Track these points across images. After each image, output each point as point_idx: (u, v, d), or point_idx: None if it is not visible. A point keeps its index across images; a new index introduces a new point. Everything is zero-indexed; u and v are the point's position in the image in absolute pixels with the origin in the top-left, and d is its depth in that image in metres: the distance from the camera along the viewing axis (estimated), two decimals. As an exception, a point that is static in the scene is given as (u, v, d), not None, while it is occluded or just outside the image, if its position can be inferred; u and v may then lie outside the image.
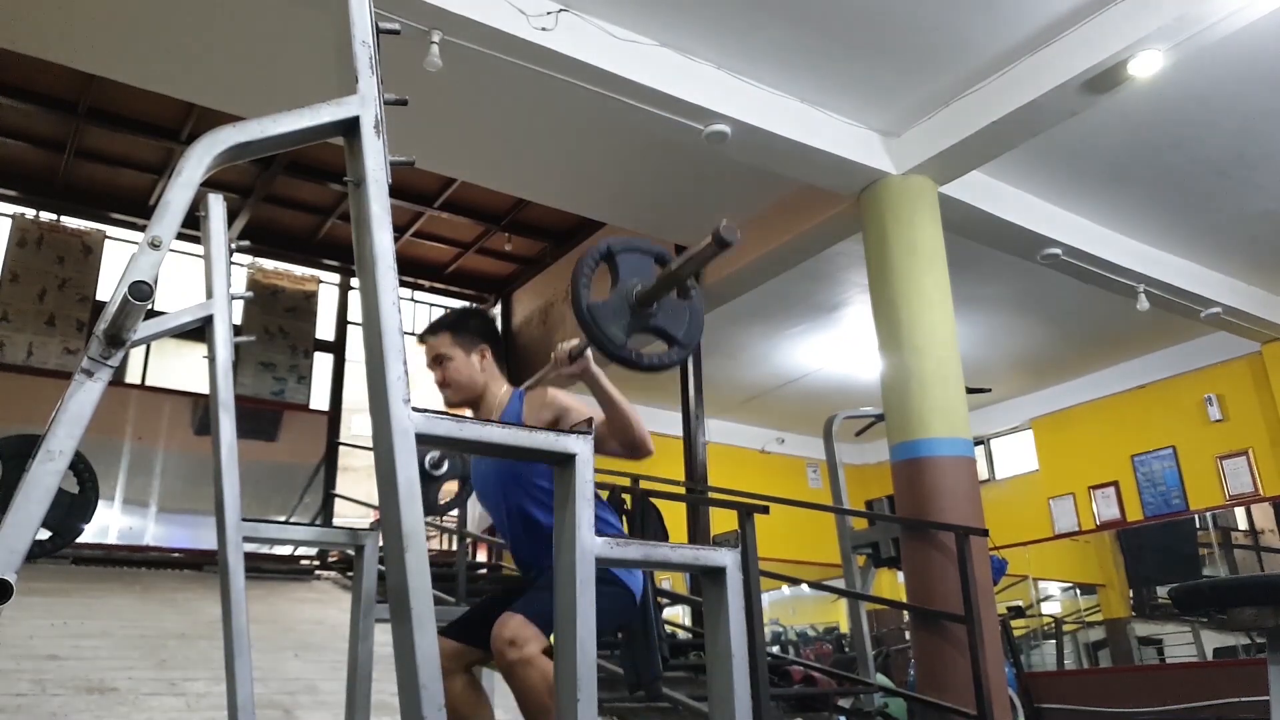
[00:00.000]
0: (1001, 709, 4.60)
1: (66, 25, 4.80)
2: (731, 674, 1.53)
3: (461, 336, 2.58)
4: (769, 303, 8.00)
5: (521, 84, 4.67)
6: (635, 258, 1.83)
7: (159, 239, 1.41)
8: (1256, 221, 6.81)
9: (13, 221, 7.72)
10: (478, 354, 2.58)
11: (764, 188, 6.32)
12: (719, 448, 8.98)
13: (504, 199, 7.79)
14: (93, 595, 5.39)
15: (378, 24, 1.56)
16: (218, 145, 1.50)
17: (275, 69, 5.11)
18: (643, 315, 1.79)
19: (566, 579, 1.43)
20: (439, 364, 2.57)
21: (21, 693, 3.25)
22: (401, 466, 1.34)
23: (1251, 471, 8.60)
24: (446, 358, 2.56)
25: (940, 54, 5.02)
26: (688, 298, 1.89)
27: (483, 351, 2.59)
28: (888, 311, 5.45)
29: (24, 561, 1.19)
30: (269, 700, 3.48)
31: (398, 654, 1.30)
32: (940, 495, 4.96)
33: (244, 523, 2.43)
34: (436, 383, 2.59)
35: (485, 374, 2.58)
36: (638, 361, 1.82)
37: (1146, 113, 5.47)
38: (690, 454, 6.98)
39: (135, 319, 1.36)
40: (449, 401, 2.59)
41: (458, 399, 2.57)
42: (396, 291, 1.45)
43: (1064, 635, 10.29)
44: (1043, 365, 9.86)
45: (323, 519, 8.21)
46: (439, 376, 2.58)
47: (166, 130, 6.99)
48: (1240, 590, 2.64)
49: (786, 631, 11.50)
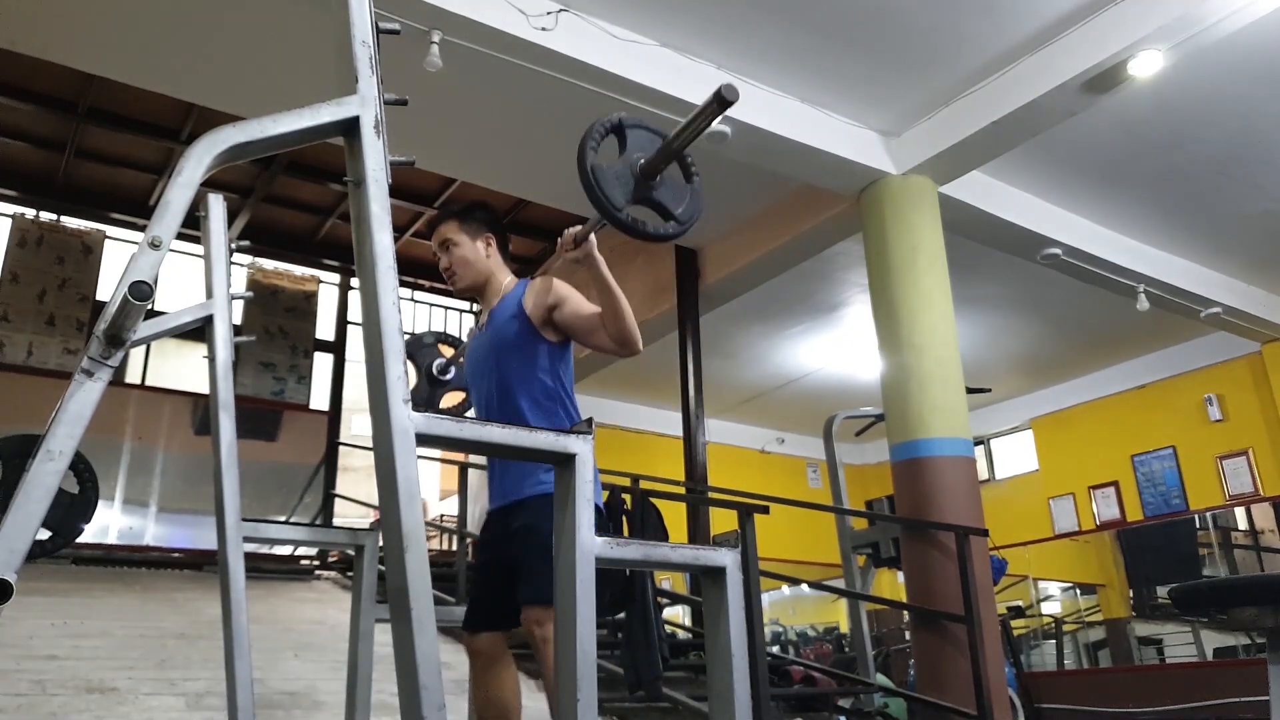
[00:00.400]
0: (1001, 709, 4.60)
1: (66, 25, 4.80)
2: (731, 674, 1.53)
3: (468, 224, 2.62)
4: (769, 303, 8.00)
5: (521, 84, 4.67)
6: (643, 135, 1.88)
7: (159, 239, 1.42)
8: (1256, 221, 6.81)
9: (13, 221, 7.71)
10: (483, 241, 2.62)
11: (764, 188, 6.31)
12: (719, 448, 8.98)
13: (504, 199, 7.78)
14: (93, 595, 5.39)
15: (378, 24, 1.56)
16: (218, 145, 1.50)
17: (275, 69, 5.11)
18: (645, 187, 1.83)
19: (566, 579, 1.43)
20: (445, 249, 2.61)
21: (21, 693, 3.25)
22: (401, 466, 1.34)
23: (1251, 471, 8.60)
24: (453, 243, 2.60)
25: (940, 54, 5.02)
26: (691, 180, 1.93)
27: (488, 240, 2.63)
28: (888, 311, 5.45)
29: (24, 561, 1.20)
30: (269, 700, 3.49)
31: (398, 654, 1.30)
32: (940, 495, 4.96)
33: (244, 523, 2.43)
34: (442, 269, 2.63)
35: (490, 261, 2.62)
36: (634, 227, 1.84)
37: (1146, 113, 5.47)
38: (690, 454, 6.98)
39: (135, 319, 1.36)
40: (456, 287, 2.64)
41: (463, 284, 2.62)
42: (396, 291, 1.45)
43: (1064, 635, 10.29)
44: (1043, 365, 9.85)
45: (323, 519, 8.21)
46: (444, 263, 2.62)
47: (166, 130, 6.99)
48: (1240, 590, 2.64)
49: (786, 631, 11.51)
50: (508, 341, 2.48)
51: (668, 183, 1.87)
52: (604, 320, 2.38)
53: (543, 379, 2.46)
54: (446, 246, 2.61)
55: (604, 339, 2.40)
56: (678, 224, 1.89)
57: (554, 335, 2.49)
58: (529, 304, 2.48)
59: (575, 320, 2.45)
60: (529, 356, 2.46)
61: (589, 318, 2.42)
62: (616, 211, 1.79)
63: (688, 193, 1.92)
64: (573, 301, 2.46)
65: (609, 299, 2.36)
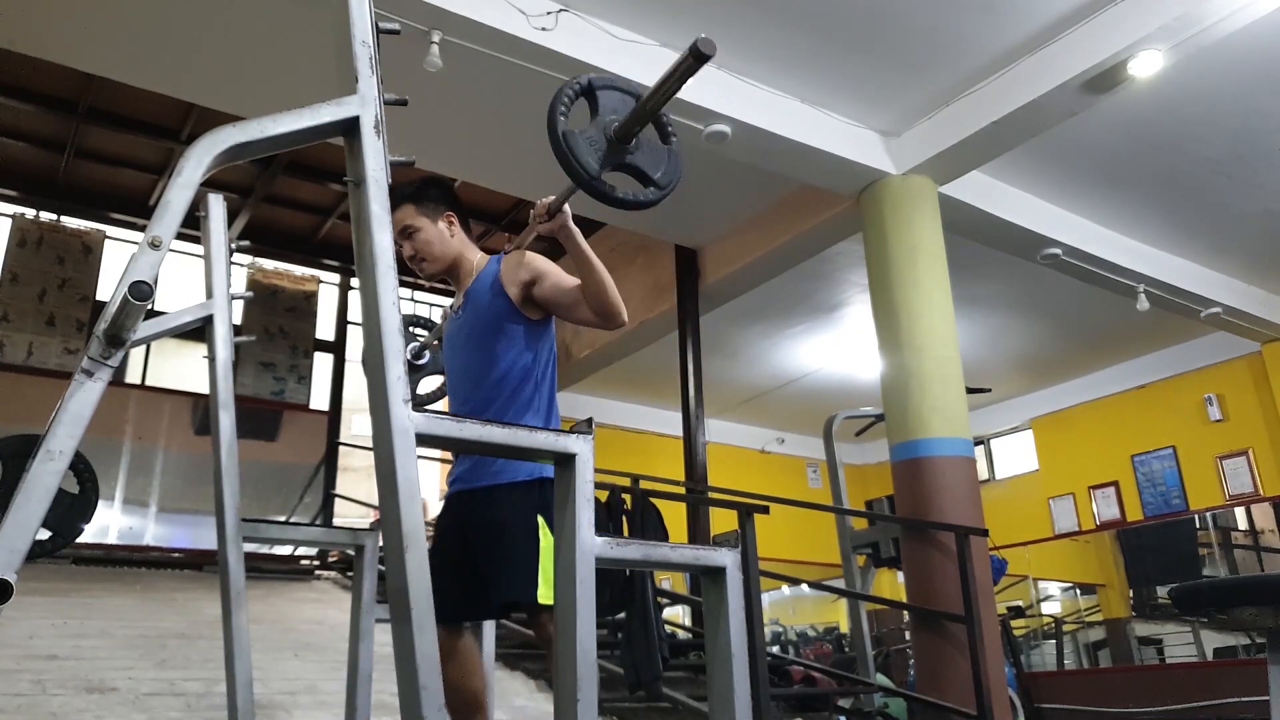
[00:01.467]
0: (1001, 709, 4.60)
1: (66, 25, 4.80)
2: (731, 674, 1.53)
3: (425, 206, 2.45)
4: (769, 303, 8.00)
5: (522, 84, 4.66)
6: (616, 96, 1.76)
7: (159, 239, 1.42)
8: (1256, 221, 6.81)
9: (13, 221, 7.72)
10: (444, 221, 2.47)
11: (764, 188, 6.31)
12: (719, 448, 8.98)
13: (504, 199, 7.79)
14: (93, 595, 5.39)
15: (378, 24, 1.56)
16: (218, 145, 1.50)
17: (275, 69, 5.10)
18: (620, 151, 1.73)
19: (566, 579, 1.43)
20: (407, 237, 2.45)
21: (21, 693, 3.25)
22: (401, 466, 1.34)
23: (1251, 471, 8.60)
24: (414, 229, 2.44)
25: (940, 54, 5.02)
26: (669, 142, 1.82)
27: (449, 218, 2.48)
28: (888, 311, 5.45)
29: (24, 561, 1.20)
30: (269, 700, 3.48)
31: (398, 654, 1.30)
32: (940, 495, 4.96)
33: (244, 523, 2.44)
34: (407, 258, 2.48)
35: (456, 241, 2.48)
36: (610, 194, 1.73)
37: (1146, 113, 5.47)
38: (690, 454, 6.98)
39: (135, 319, 1.36)
40: (427, 274, 2.50)
41: (434, 269, 2.48)
42: (396, 291, 1.45)
43: (1064, 635, 10.28)
44: (1043, 365, 9.85)
45: (323, 519, 8.21)
46: (409, 251, 2.47)
47: (166, 130, 6.99)
48: (1240, 590, 2.63)
49: (786, 631, 11.50)
50: (488, 323, 2.36)
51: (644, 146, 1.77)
52: (584, 293, 2.25)
53: (523, 358, 2.34)
54: (408, 233, 2.44)
55: (586, 313, 2.27)
56: (657, 189, 1.78)
57: (534, 312, 2.37)
58: (507, 281, 2.36)
59: (556, 295, 2.32)
60: (509, 336, 2.34)
61: (570, 291, 2.29)
62: (592, 179, 1.69)
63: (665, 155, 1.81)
64: (552, 276, 2.33)
65: (588, 270, 2.22)
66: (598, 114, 1.73)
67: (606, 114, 1.73)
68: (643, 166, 1.77)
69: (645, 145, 1.76)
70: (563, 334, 8.80)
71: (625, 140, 1.72)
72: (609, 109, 1.74)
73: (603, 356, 8.56)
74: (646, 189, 1.77)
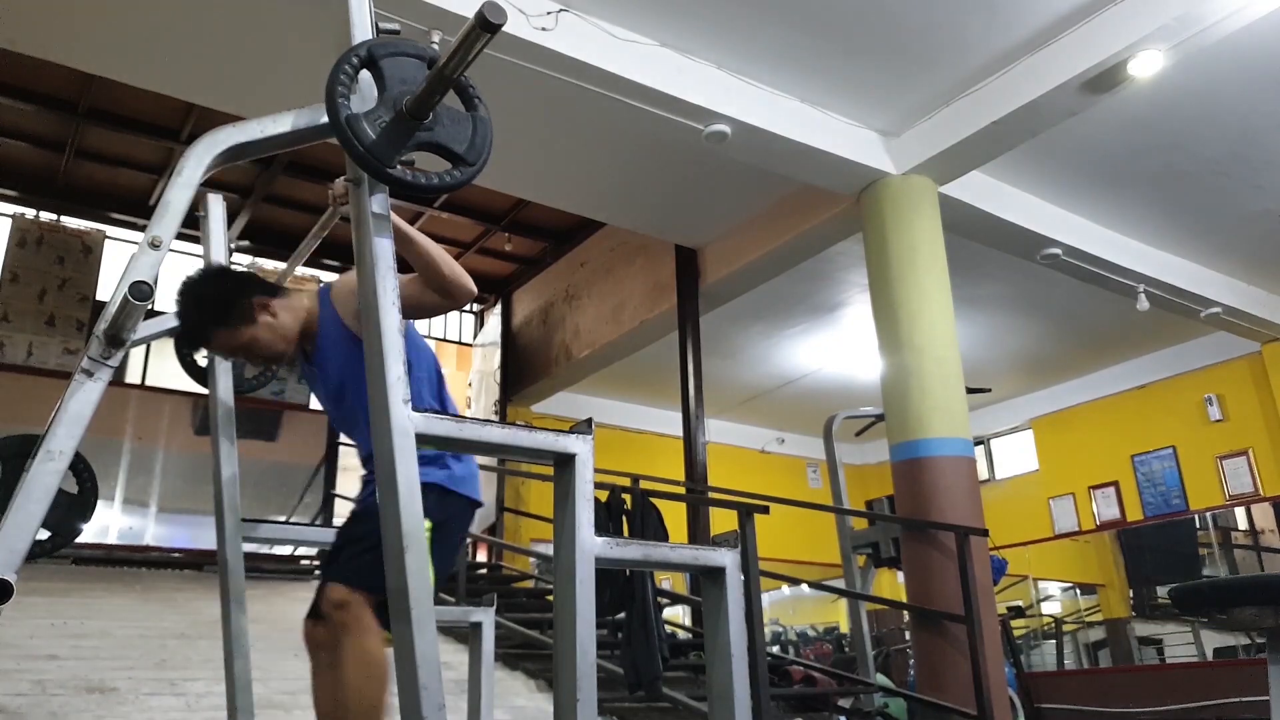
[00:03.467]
0: (1001, 709, 4.60)
1: (66, 25, 4.80)
2: (731, 674, 1.53)
3: (231, 319, 2.19)
4: (769, 303, 8.01)
5: (521, 84, 4.67)
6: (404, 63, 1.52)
7: (159, 239, 1.42)
8: (1256, 221, 6.81)
9: (13, 221, 7.72)
10: (258, 312, 2.22)
11: (764, 188, 6.31)
12: (719, 448, 8.98)
13: (504, 199, 7.79)
14: (93, 595, 5.39)
15: (378, 24, 1.56)
16: (218, 145, 1.51)
17: (275, 69, 5.10)
18: (417, 129, 1.49)
19: (566, 579, 1.43)
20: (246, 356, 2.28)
21: (21, 693, 3.25)
22: (401, 466, 1.34)
23: (1251, 471, 8.60)
24: (246, 347, 2.23)
25: (940, 54, 5.02)
26: (475, 108, 1.56)
27: (260, 305, 2.22)
28: (888, 311, 5.45)
29: (24, 561, 1.20)
30: (269, 700, 3.48)
31: (398, 654, 1.30)
32: (940, 495, 4.96)
33: (244, 523, 2.44)
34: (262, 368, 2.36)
35: (285, 314, 2.25)
36: (412, 182, 1.50)
37: (1146, 113, 5.47)
38: (690, 454, 6.98)
39: (135, 319, 1.37)
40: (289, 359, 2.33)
41: (292, 351, 2.30)
42: (396, 292, 1.45)
43: (1064, 635, 10.29)
44: (1043, 365, 9.85)
45: (323, 519, 8.21)
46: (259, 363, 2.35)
47: (166, 130, 6.99)
48: (1240, 590, 2.64)
49: (786, 631, 11.51)
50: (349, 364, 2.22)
51: (444, 117, 1.52)
52: (422, 280, 2.11)
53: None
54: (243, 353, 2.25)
55: (431, 297, 2.13)
56: (466, 166, 1.54)
57: None
58: (344, 315, 2.23)
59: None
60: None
61: (407, 286, 2.05)
62: (384, 168, 1.45)
63: (471, 124, 1.55)
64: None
65: (413, 253, 2.06)
66: (386, 88, 1.49)
67: (395, 86, 1.49)
68: (446, 143, 1.52)
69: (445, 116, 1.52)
70: (563, 334, 8.80)
71: (421, 115, 1.48)
72: (398, 79, 1.50)
73: (603, 357, 8.56)
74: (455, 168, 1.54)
